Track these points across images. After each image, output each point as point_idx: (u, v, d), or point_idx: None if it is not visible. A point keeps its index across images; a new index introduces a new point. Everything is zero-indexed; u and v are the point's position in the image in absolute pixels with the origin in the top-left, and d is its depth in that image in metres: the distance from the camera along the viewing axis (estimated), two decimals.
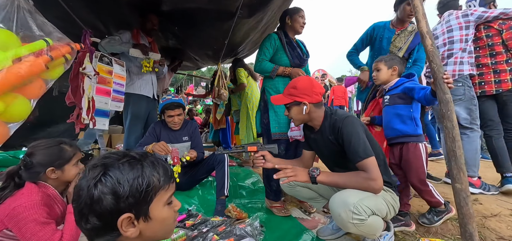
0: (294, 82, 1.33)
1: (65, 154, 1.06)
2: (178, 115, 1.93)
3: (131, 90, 2.24)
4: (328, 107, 1.37)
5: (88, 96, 1.68)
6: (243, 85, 3.09)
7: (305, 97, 1.27)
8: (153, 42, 2.46)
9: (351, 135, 1.14)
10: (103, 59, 1.97)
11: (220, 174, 1.87)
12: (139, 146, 1.85)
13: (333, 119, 1.25)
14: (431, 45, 1.24)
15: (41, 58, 1.13)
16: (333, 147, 1.26)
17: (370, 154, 1.11)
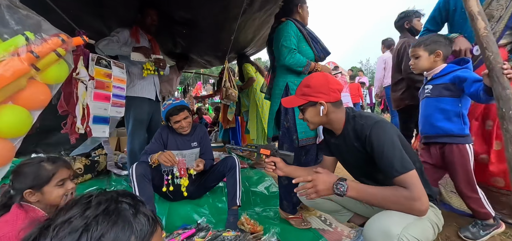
0: (307, 80, 1.13)
1: (43, 174, 0.93)
2: (185, 119, 1.77)
3: (132, 93, 2.11)
4: (349, 108, 1.17)
5: (83, 104, 1.55)
6: (253, 79, 2.90)
7: (322, 96, 1.08)
8: (153, 40, 2.30)
9: (384, 144, 0.93)
10: (101, 62, 1.83)
11: (231, 182, 1.72)
12: (144, 154, 1.71)
13: (358, 124, 1.04)
14: (484, 29, 1.01)
15: (22, 57, 0.97)
16: (360, 155, 1.06)
17: (409, 167, 0.90)
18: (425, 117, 1.38)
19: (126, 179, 2.37)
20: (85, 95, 1.58)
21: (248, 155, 3.59)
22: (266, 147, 1.25)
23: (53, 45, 1.03)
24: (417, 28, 2.25)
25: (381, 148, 0.93)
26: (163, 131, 1.88)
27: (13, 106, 1.03)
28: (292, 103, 1.17)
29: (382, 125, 0.98)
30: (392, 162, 0.91)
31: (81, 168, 2.23)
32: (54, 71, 1.09)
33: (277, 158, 1.22)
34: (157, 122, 2.35)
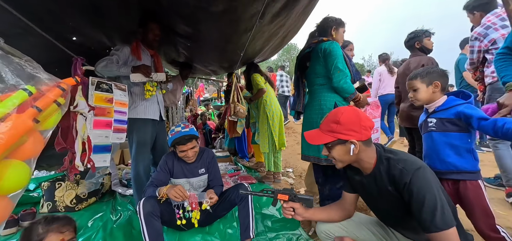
0: (336, 115, 1.03)
1: (31, 238, 0.89)
2: (192, 149, 1.67)
3: (134, 115, 1.99)
4: (380, 145, 1.06)
5: (83, 138, 1.45)
6: (263, 91, 2.78)
7: (353, 134, 0.99)
8: (155, 55, 2.18)
9: (425, 195, 0.85)
10: (101, 86, 1.73)
11: (243, 213, 1.62)
12: (151, 186, 1.61)
13: (395, 167, 0.94)
14: None
15: (26, 114, 0.89)
16: (394, 200, 0.97)
17: (450, 224, 0.83)
18: (434, 152, 1.30)
19: (132, 200, 2.28)
20: (85, 129, 1.47)
21: (255, 167, 3.49)
22: (284, 192, 1.16)
23: (54, 97, 0.94)
24: (428, 47, 2.17)
25: (422, 199, 0.85)
26: (169, 158, 1.77)
27: (12, 162, 0.94)
28: (318, 140, 1.07)
29: (424, 173, 0.88)
30: (433, 215, 0.83)
31: (85, 192, 2.15)
32: (51, 120, 0.99)
33: (296, 203, 1.15)
34: (162, 142, 2.24)
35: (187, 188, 1.75)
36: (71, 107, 1.42)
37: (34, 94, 0.94)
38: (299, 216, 1.15)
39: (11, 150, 0.89)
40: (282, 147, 2.85)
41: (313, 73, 1.77)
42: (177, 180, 1.74)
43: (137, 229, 1.84)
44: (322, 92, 1.70)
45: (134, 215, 2.00)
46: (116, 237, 1.71)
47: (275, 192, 1.19)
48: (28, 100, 0.92)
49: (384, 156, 1.00)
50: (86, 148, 1.47)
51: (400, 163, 0.94)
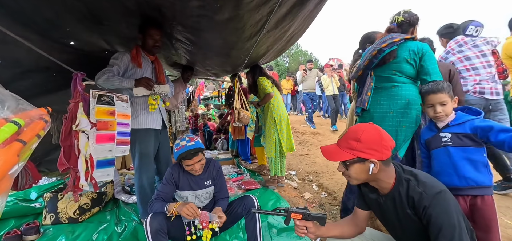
0: (357, 132, 0.99)
1: None
2: (198, 162, 1.63)
3: (136, 125, 1.94)
4: (400, 166, 1.03)
5: (85, 156, 1.41)
6: (270, 95, 2.73)
7: (373, 153, 0.95)
8: (156, 61, 2.11)
9: (443, 221, 0.84)
10: (102, 99, 1.68)
11: (251, 226, 1.60)
12: (157, 200, 1.58)
13: (415, 190, 0.92)
14: None
15: (12, 148, 0.80)
16: (412, 223, 0.95)
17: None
18: (451, 167, 1.26)
19: (136, 208, 2.26)
20: (88, 147, 1.43)
21: (258, 170, 3.47)
22: (298, 211, 1.14)
23: (38, 130, 0.87)
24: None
25: (440, 225, 0.83)
26: (174, 170, 1.74)
27: None
28: (336, 157, 1.02)
29: (445, 198, 0.86)
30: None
31: (88, 203, 2.12)
32: (26, 154, 0.90)
33: (309, 222, 1.12)
34: (165, 150, 2.20)
35: (193, 200, 1.72)
36: (73, 126, 1.38)
37: (22, 127, 0.85)
38: (312, 235, 1.13)
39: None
40: (291, 151, 2.83)
41: (392, 70, 1.64)
42: (183, 192, 1.70)
43: None
44: (408, 91, 1.58)
45: (139, 226, 1.98)
46: None
47: (289, 211, 1.16)
48: (15, 133, 0.83)
49: (404, 177, 0.97)
50: (89, 166, 1.43)
51: (420, 186, 0.91)
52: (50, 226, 1.97)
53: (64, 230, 1.92)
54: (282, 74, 18.18)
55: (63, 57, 1.79)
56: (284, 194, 2.71)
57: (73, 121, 1.37)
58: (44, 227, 1.95)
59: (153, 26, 1.86)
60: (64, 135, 1.38)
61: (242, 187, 2.86)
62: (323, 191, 2.81)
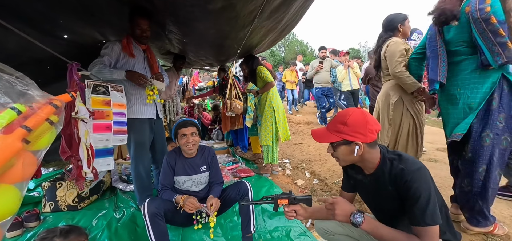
0: (344, 116, 1.06)
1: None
2: (192, 135, 1.71)
3: (131, 115, 1.97)
4: (384, 147, 1.11)
5: (86, 144, 1.45)
6: (272, 84, 2.80)
7: (359, 136, 1.02)
8: (148, 50, 2.11)
9: (421, 193, 0.92)
10: (97, 89, 1.70)
11: (244, 210, 1.69)
12: (163, 190, 1.71)
13: (397, 168, 1.00)
14: None
15: (14, 134, 0.83)
16: (392, 199, 1.03)
17: (437, 221, 0.91)
18: None
19: (133, 196, 2.32)
20: (88, 135, 1.47)
21: (253, 159, 3.56)
22: (283, 196, 1.20)
23: (46, 115, 0.90)
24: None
25: (417, 196, 0.93)
26: (170, 157, 1.80)
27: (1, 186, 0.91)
28: (324, 139, 1.09)
29: (423, 173, 0.95)
30: (424, 212, 0.91)
31: (87, 191, 2.18)
32: (45, 140, 0.96)
33: (297, 206, 1.19)
34: (161, 140, 2.25)
35: (188, 184, 1.79)
36: (72, 114, 1.41)
37: (24, 113, 0.89)
38: (300, 217, 1.19)
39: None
40: (287, 139, 2.93)
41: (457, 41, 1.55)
42: (179, 177, 1.77)
43: (141, 226, 1.89)
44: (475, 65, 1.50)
45: (137, 212, 2.05)
46: (121, 235, 1.76)
47: (274, 197, 1.21)
48: (16, 120, 0.87)
49: (388, 157, 1.05)
50: (90, 155, 1.47)
51: (402, 163, 0.99)
52: (50, 214, 2.02)
53: (64, 217, 1.98)
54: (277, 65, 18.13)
55: (57, 49, 1.80)
56: (277, 181, 2.81)
57: (72, 109, 1.40)
58: (44, 215, 2.01)
59: (140, 16, 1.85)
60: (64, 123, 1.42)
61: (237, 174, 2.95)
62: (315, 177, 2.92)
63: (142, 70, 2.08)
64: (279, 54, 22.00)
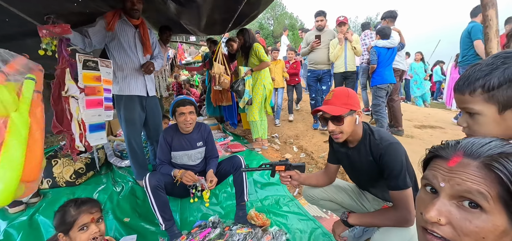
0: (343, 90, 1.18)
1: (66, 219, 0.99)
2: (190, 113, 1.80)
3: (118, 92, 1.98)
4: (366, 123, 1.27)
5: (78, 119, 1.49)
6: (267, 63, 2.85)
7: (357, 106, 1.17)
8: (142, 26, 2.05)
9: (393, 163, 1.10)
10: (88, 64, 1.69)
11: (238, 180, 1.85)
12: (161, 166, 1.82)
13: (374, 142, 1.17)
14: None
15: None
16: (371, 168, 1.21)
17: (409, 185, 1.09)
18: None
19: (130, 171, 2.41)
20: (79, 111, 1.51)
21: (243, 134, 3.69)
22: (280, 163, 1.34)
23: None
24: None
25: (392, 165, 1.10)
26: (167, 133, 1.88)
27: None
28: (337, 111, 1.14)
29: (396, 148, 1.11)
30: (397, 178, 1.08)
31: (83, 167, 2.23)
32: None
33: (292, 171, 1.34)
34: (154, 117, 2.26)
35: (185, 159, 1.91)
36: (62, 92, 1.43)
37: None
38: (295, 182, 1.34)
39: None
40: (270, 114, 3.09)
41: None
42: (177, 152, 1.87)
43: (141, 198, 2.02)
44: None
45: (136, 186, 2.16)
46: (123, 207, 1.88)
47: (273, 164, 1.35)
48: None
49: (368, 132, 1.22)
50: (82, 129, 1.52)
51: (377, 139, 1.16)
52: (48, 190, 2.08)
53: (64, 192, 2.05)
54: (267, 39, 17.67)
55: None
56: (267, 155, 3.00)
57: (61, 87, 1.42)
58: (42, 191, 2.06)
59: None
60: (54, 99, 1.44)
61: (229, 149, 3.10)
62: (302, 152, 3.13)
63: (133, 49, 2.05)
64: (268, 27, 21.36)
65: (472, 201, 0.39)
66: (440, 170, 0.44)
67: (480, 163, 0.40)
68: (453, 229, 0.41)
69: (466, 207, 0.40)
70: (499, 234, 0.38)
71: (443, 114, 4.88)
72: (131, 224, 1.77)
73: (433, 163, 0.47)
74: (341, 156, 1.38)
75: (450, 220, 0.41)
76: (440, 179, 0.43)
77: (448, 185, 0.42)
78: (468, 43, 3.18)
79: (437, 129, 3.84)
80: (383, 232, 1.12)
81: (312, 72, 3.61)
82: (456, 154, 0.43)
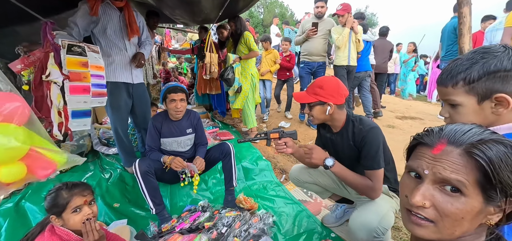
0: (321, 81, 1.28)
1: (59, 202, 1.00)
2: (181, 100, 1.81)
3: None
4: (350, 110, 1.35)
5: (59, 107, 1.44)
6: (256, 53, 2.87)
7: (331, 98, 1.25)
8: (127, 9, 1.99)
9: (371, 146, 1.20)
10: (72, 49, 1.64)
11: (227, 166, 1.91)
12: (150, 152, 1.83)
13: (357, 128, 1.26)
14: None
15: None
16: (352, 152, 1.31)
17: (382, 166, 1.21)
18: None
19: (117, 158, 2.40)
20: (60, 98, 1.47)
21: (232, 123, 3.73)
22: (274, 131, 1.39)
23: None
24: None
25: (369, 147, 1.20)
26: (156, 120, 1.89)
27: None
28: (303, 99, 1.31)
29: (375, 132, 1.22)
30: (373, 159, 1.19)
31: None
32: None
33: (287, 138, 1.38)
34: (142, 104, 2.23)
35: (175, 146, 1.93)
36: (43, 76, 1.39)
37: None
38: (289, 148, 1.37)
39: None
40: (258, 102, 3.15)
41: None
42: (167, 139, 1.89)
43: (130, 185, 2.04)
44: None
45: (124, 172, 2.16)
46: (113, 193, 1.89)
47: (268, 133, 1.40)
48: None
49: (351, 119, 1.31)
50: (63, 118, 1.49)
51: (360, 124, 1.26)
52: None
53: (49, 179, 2.00)
54: (256, 27, 17.44)
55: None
56: (255, 143, 3.06)
57: (43, 71, 1.38)
58: None
59: None
60: (35, 84, 1.40)
61: (218, 137, 3.13)
62: None
63: (118, 33, 2.00)
64: (258, 16, 21.02)
65: (453, 186, 0.43)
66: (425, 158, 0.47)
67: (462, 150, 0.43)
68: (436, 210, 0.45)
69: (447, 191, 0.44)
70: (475, 214, 0.43)
71: (423, 107, 5.16)
72: (121, 210, 1.79)
73: (417, 150, 0.50)
74: (326, 140, 1.47)
75: (433, 203, 0.45)
76: (425, 167, 0.47)
77: (431, 172, 0.45)
78: (453, 38, 3.23)
79: (417, 120, 4.07)
80: (360, 210, 1.23)
81: (306, 64, 3.30)
82: (440, 141, 0.46)
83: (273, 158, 2.66)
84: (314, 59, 3.25)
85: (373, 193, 1.20)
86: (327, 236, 1.58)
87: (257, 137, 1.42)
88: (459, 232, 0.44)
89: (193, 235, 1.47)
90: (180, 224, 1.62)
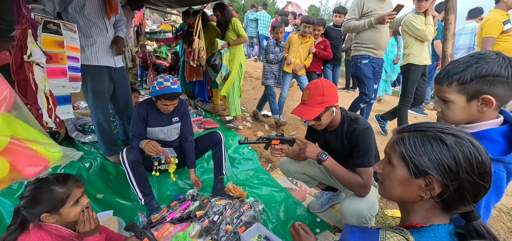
0: (318, 88, 1.26)
1: (57, 197, 0.95)
2: (173, 104, 1.74)
3: (85, 61, 1.80)
4: (344, 109, 1.40)
5: (45, 91, 1.31)
6: (245, 39, 2.84)
7: (334, 100, 1.28)
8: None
9: (363, 145, 1.28)
10: (48, 26, 1.48)
11: (217, 155, 1.91)
12: (135, 139, 1.71)
13: (352, 127, 1.31)
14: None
15: None
16: (345, 150, 1.38)
17: (372, 164, 1.28)
18: None
19: (96, 146, 2.26)
20: (45, 81, 1.34)
21: (214, 110, 3.70)
22: (276, 137, 1.43)
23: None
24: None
25: (361, 146, 1.28)
26: (142, 108, 1.80)
27: None
28: (311, 114, 1.25)
29: (369, 132, 1.29)
30: (364, 158, 1.27)
31: None
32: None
33: (284, 145, 1.43)
34: (122, 89, 2.12)
35: (161, 136, 1.87)
36: (25, 57, 1.25)
37: None
38: (284, 154, 1.43)
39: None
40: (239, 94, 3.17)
41: None
42: (153, 128, 1.82)
43: (113, 174, 1.94)
44: None
45: (106, 162, 2.05)
46: (95, 184, 1.80)
47: (270, 138, 1.43)
48: None
49: (346, 118, 1.36)
50: (51, 103, 1.37)
51: (355, 124, 1.32)
52: None
53: None
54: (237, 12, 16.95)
55: None
56: (240, 131, 3.09)
57: (24, 50, 1.23)
58: None
59: None
60: (15, 67, 1.24)
61: (202, 126, 3.09)
62: (273, 130, 3.31)
63: (97, 11, 1.85)
64: (239, 1, 20.39)
65: (388, 159, 0.65)
66: (388, 144, 0.68)
67: (395, 136, 0.65)
68: (383, 175, 0.67)
69: (389, 164, 0.65)
70: (403, 180, 0.61)
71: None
72: (105, 200, 1.71)
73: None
74: (318, 136, 1.53)
75: (383, 170, 0.68)
76: (387, 149, 0.68)
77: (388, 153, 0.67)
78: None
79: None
80: (352, 198, 1.32)
81: (371, 60, 2.50)
82: (394, 132, 0.67)
83: (258, 147, 2.72)
84: (380, 55, 2.56)
85: (363, 190, 1.26)
86: (313, 221, 1.71)
87: (260, 141, 1.42)
88: (394, 192, 0.65)
89: (185, 224, 1.48)
90: (170, 214, 1.61)
